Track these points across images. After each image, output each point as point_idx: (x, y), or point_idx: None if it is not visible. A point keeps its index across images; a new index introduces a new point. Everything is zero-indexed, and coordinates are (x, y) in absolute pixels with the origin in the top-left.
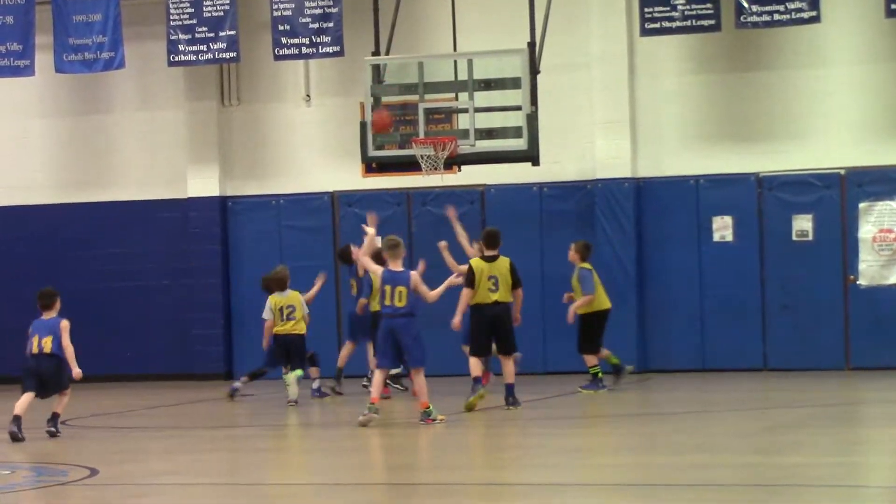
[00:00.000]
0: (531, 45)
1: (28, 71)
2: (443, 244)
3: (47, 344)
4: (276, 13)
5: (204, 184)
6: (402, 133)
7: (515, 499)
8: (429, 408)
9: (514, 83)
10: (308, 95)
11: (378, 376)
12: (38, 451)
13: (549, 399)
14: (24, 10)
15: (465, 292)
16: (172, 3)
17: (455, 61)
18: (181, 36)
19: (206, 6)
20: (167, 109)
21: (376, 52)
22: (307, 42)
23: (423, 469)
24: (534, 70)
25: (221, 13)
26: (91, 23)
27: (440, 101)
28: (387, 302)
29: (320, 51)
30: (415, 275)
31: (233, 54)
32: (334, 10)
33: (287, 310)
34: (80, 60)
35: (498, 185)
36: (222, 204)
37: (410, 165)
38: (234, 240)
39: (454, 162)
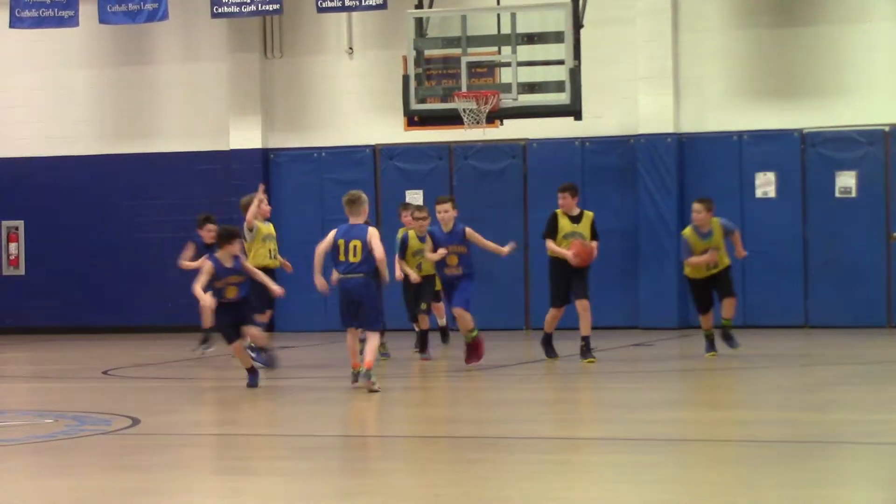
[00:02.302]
0: None
1: (72, 21)
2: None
3: None
4: None
5: (246, 136)
6: (445, 86)
7: (550, 452)
8: (370, 370)
9: (556, 37)
10: (350, 48)
11: (370, 341)
12: (81, 399)
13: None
14: None
15: (549, 243)
16: None
17: (498, 15)
18: None
19: None
20: (210, 61)
21: (419, 5)
22: None
23: (466, 423)
24: (577, 24)
25: None
26: None
27: (482, 54)
28: (341, 257)
29: (363, 3)
30: (373, 230)
31: (276, 6)
32: None
33: None
34: (124, 11)
35: (540, 140)
36: (264, 156)
37: (452, 119)
38: (275, 192)
39: (496, 116)
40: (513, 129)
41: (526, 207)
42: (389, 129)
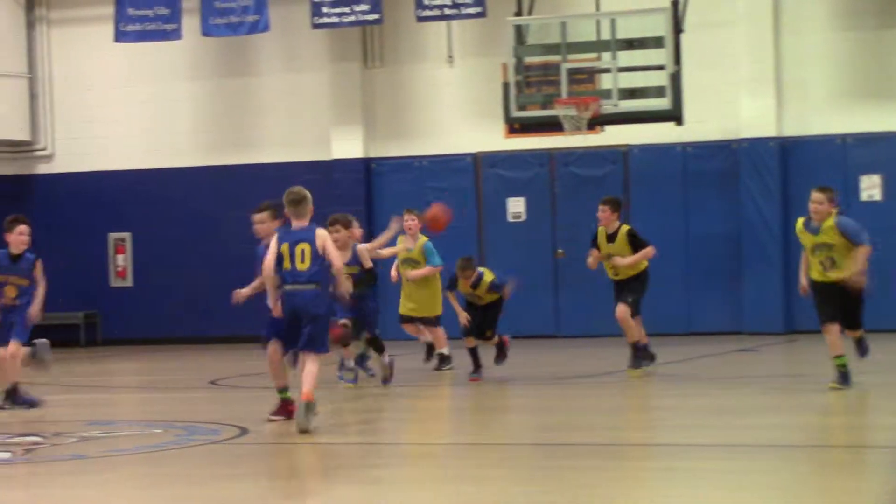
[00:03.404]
0: (675, 3)
1: (175, 35)
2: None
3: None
4: None
5: (348, 145)
6: (545, 93)
7: (656, 458)
8: (312, 402)
9: (656, 42)
10: (450, 56)
11: (309, 366)
12: (190, 410)
13: (692, 360)
14: None
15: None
16: None
17: (597, 20)
18: None
19: None
20: (311, 72)
21: (518, 13)
22: (450, 3)
23: (566, 429)
24: (677, 29)
25: None
26: None
27: (582, 61)
28: (286, 265)
29: (462, 11)
30: (323, 232)
31: (376, 16)
32: None
33: None
34: (226, 24)
35: (641, 145)
36: (366, 165)
37: (553, 126)
38: (377, 201)
39: (597, 122)
40: (613, 135)
41: (629, 213)
42: (490, 137)
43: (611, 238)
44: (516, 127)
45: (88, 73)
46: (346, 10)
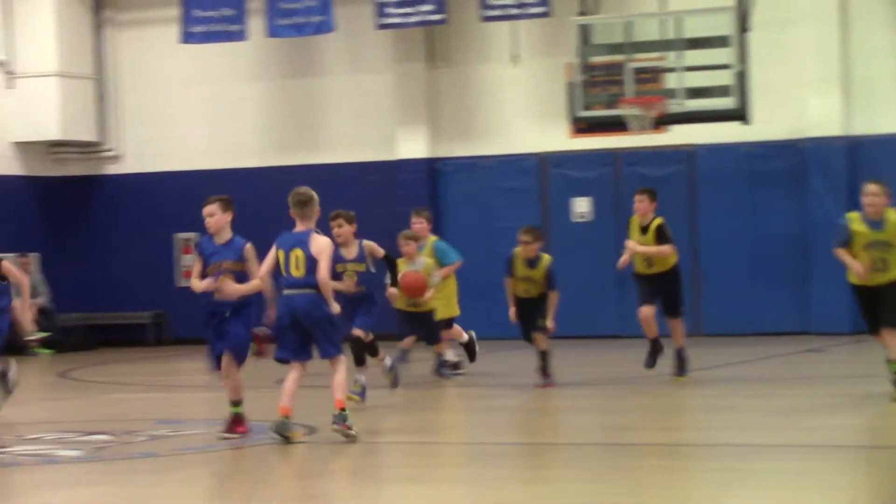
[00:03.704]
0: (740, 2)
1: (241, 35)
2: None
3: None
4: None
5: (412, 146)
6: (610, 93)
7: (720, 459)
8: (345, 410)
9: (721, 41)
10: (515, 56)
11: (290, 376)
12: (258, 408)
13: (759, 361)
14: None
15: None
16: None
17: (662, 20)
18: None
19: None
20: (376, 72)
21: (583, 12)
22: (514, 3)
23: (630, 430)
24: (743, 28)
25: None
26: None
27: (647, 60)
28: (282, 271)
29: (527, 11)
30: (321, 239)
31: (440, 16)
32: None
33: None
34: (291, 24)
35: (707, 145)
36: (430, 165)
37: (618, 126)
38: (442, 201)
39: (662, 122)
40: (679, 135)
41: (695, 213)
42: (554, 137)
43: (644, 230)
44: (581, 127)
45: (155, 75)
46: (411, 10)
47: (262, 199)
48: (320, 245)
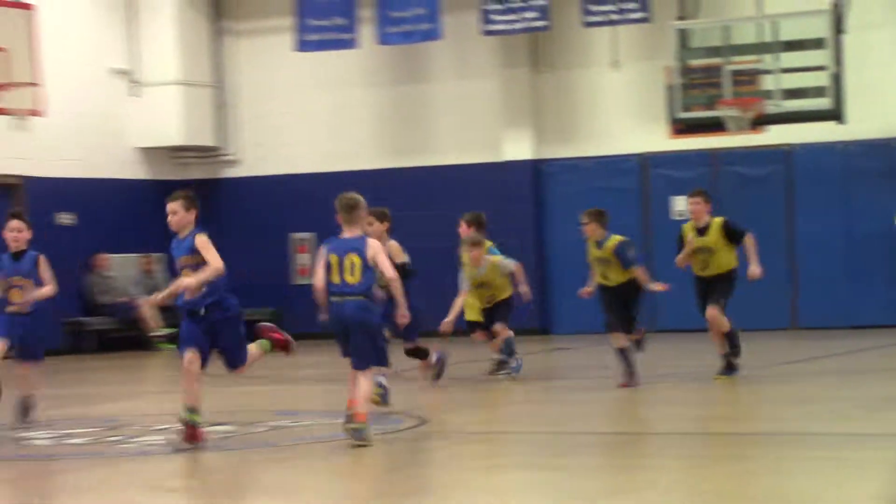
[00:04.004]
0: (835, 5)
1: (352, 43)
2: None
3: None
4: None
5: (518, 148)
6: (708, 95)
7: (820, 448)
8: (364, 423)
9: (817, 43)
10: (616, 61)
11: (361, 384)
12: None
13: (856, 353)
14: None
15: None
16: None
17: (759, 23)
18: (494, 6)
19: None
20: (482, 78)
21: (681, 17)
22: (615, 9)
23: (727, 420)
24: (838, 30)
25: None
26: None
27: (745, 62)
28: (334, 278)
29: (627, 17)
30: (375, 243)
31: (544, 22)
32: None
33: None
34: (401, 32)
35: (803, 144)
36: (535, 167)
37: (716, 126)
38: (546, 201)
39: (759, 122)
40: (776, 135)
41: (792, 210)
42: (654, 138)
43: (701, 232)
44: (680, 128)
45: (271, 82)
46: (515, 17)
47: (375, 200)
48: (376, 248)
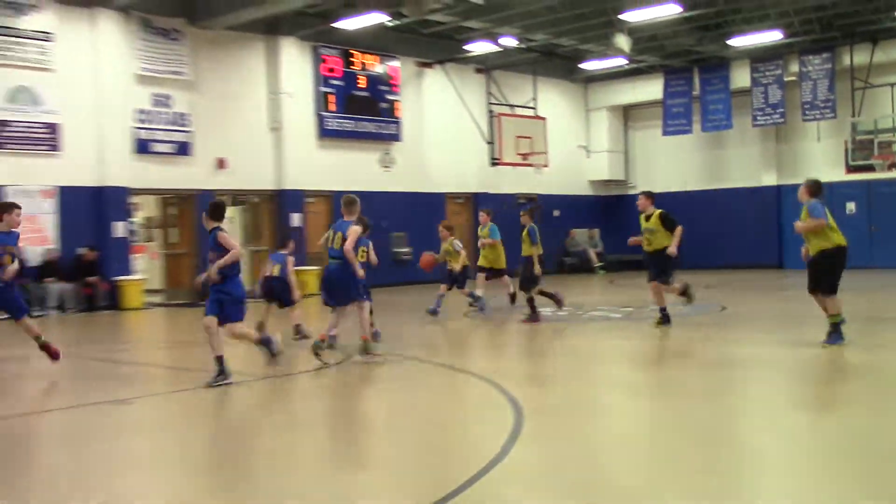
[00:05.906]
0: None
1: (689, 130)
2: None
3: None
4: None
5: (768, 178)
6: (865, 153)
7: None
8: (367, 341)
9: None
10: (818, 137)
11: (359, 314)
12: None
13: None
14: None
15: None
16: None
17: (894, 117)
18: (757, 111)
19: None
20: (753, 145)
21: (853, 114)
22: (818, 112)
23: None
24: None
25: None
26: None
27: (885, 136)
28: (329, 244)
29: (825, 115)
30: (354, 228)
31: (782, 120)
32: None
33: None
34: (712, 123)
35: None
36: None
37: (870, 168)
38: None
39: (892, 165)
40: None
41: None
42: (838, 171)
43: (647, 219)
44: (851, 169)
45: (651, 148)
46: (767, 116)
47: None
48: (353, 232)
